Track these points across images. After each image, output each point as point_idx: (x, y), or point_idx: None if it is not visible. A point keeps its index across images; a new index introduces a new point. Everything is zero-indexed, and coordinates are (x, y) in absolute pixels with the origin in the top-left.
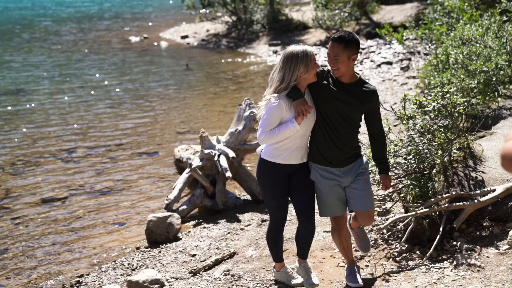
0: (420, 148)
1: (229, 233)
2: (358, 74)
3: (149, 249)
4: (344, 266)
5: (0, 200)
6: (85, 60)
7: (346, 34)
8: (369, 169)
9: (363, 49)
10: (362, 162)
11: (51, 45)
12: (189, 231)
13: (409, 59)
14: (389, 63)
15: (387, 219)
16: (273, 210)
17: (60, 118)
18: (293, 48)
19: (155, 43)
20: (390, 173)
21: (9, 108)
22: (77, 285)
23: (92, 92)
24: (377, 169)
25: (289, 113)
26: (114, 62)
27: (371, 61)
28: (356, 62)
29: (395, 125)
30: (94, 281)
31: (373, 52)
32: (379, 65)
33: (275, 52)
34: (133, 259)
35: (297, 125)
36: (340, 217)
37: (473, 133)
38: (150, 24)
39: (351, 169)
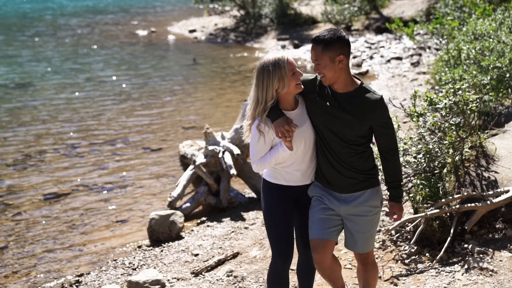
0: (431, 146)
1: (233, 232)
2: (360, 79)
3: (150, 248)
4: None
5: (2, 195)
6: (92, 54)
7: (326, 32)
8: (381, 207)
9: (372, 44)
10: (372, 197)
11: (58, 39)
12: (192, 230)
13: (420, 55)
14: (399, 58)
15: None
16: (275, 243)
17: (65, 113)
18: (265, 59)
19: (163, 37)
20: None
21: (15, 102)
22: (77, 284)
23: (99, 87)
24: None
25: None
26: (121, 56)
27: (381, 56)
28: (365, 58)
29: (404, 122)
30: (94, 281)
31: (383, 47)
32: (388, 61)
33: (283, 46)
34: (134, 258)
35: (287, 149)
36: (320, 243)
37: (486, 131)
38: (158, 18)
39: (354, 198)
